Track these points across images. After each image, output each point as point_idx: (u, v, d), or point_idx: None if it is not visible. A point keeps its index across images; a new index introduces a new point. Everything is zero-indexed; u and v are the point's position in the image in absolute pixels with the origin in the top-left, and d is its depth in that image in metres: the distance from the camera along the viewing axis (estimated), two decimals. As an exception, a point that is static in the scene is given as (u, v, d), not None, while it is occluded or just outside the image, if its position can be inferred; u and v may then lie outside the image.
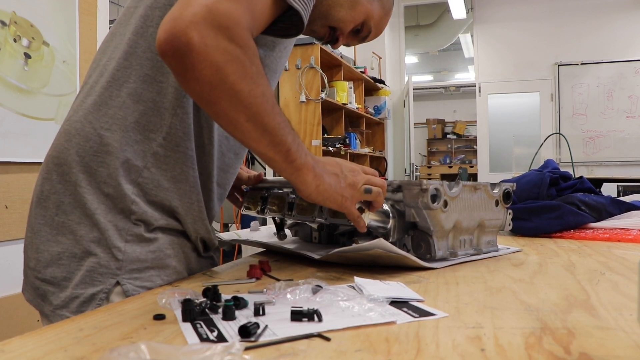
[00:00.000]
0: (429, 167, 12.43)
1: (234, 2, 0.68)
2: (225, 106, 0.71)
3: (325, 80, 4.56)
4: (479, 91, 7.45)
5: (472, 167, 11.19)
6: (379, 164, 6.76)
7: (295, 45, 4.34)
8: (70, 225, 0.82)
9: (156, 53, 0.80)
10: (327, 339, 0.51)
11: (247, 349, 0.48)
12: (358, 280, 0.72)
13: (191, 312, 0.58)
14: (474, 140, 10.65)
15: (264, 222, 1.38)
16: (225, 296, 0.65)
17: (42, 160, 0.90)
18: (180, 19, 0.66)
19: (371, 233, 0.93)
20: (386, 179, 0.91)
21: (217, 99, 0.70)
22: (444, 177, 11.72)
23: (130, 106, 0.83)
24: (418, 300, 0.65)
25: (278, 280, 0.79)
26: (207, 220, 0.91)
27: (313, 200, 0.83)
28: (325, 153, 4.84)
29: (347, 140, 5.22)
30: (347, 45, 1.03)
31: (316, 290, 0.66)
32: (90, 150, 0.82)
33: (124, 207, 0.82)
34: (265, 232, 1.22)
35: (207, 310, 0.60)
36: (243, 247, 3.46)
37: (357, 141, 5.74)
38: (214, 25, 0.66)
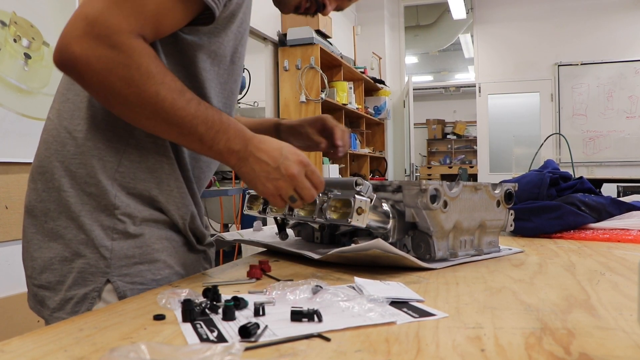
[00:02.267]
0: (429, 168, 12.43)
1: (116, 9, 0.72)
2: (121, 109, 0.75)
3: (325, 81, 4.56)
4: (479, 91, 7.45)
5: (472, 167, 11.19)
6: (378, 164, 6.76)
7: (296, 45, 4.34)
8: (59, 231, 0.84)
9: None
10: (327, 339, 0.51)
11: (247, 349, 0.48)
12: (358, 280, 0.72)
13: (191, 313, 0.58)
14: (474, 141, 10.65)
15: (264, 223, 1.38)
16: (225, 296, 0.65)
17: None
18: (66, 35, 0.71)
19: (372, 233, 0.93)
20: (386, 179, 0.91)
21: (113, 104, 0.75)
22: (444, 177, 11.72)
23: (95, 104, 0.85)
24: (418, 301, 0.65)
25: (278, 280, 0.79)
26: (194, 207, 0.91)
27: (250, 186, 0.84)
28: (326, 153, 4.83)
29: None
30: (340, 9, 1.03)
31: (316, 290, 0.66)
32: (68, 154, 0.85)
33: (107, 203, 0.83)
34: (268, 232, 1.22)
35: (207, 310, 0.60)
36: (243, 247, 3.46)
37: (357, 141, 5.75)
38: (93, 36, 0.70)
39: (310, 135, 1.14)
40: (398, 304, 0.63)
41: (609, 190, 5.14)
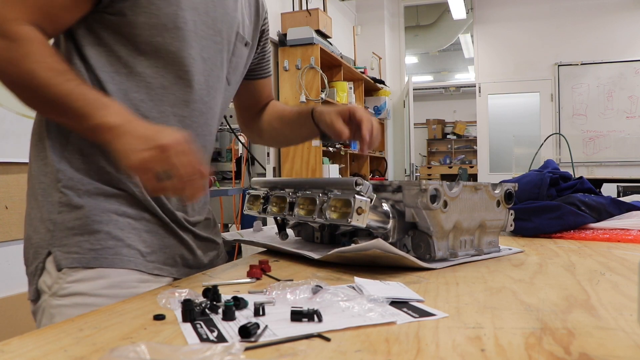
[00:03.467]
0: (429, 168, 12.43)
1: (3, 1, 0.79)
2: (12, 91, 0.82)
3: (325, 81, 4.56)
4: (479, 91, 7.45)
5: (472, 167, 11.18)
6: (378, 164, 6.76)
7: (295, 45, 4.34)
8: (30, 213, 0.93)
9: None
10: (327, 339, 0.51)
11: (247, 349, 0.48)
12: (358, 280, 0.72)
13: (191, 313, 0.58)
14: (474, 141, 10.64)
15: (264, 223, 1.37)
16: (225, 296, 0.65)
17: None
18: None
19: (372, 233, 0.93)
20: (386, 179, 0.91)
21: (6, 86, 0.82)
22: (444, 177, 11.71)
23: None
24: (418, 301, 0.65)
25: (278, 280, 0.79)
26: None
27: (121, 162, 0.80)
28: (325, 153, 4.84)
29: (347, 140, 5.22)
30: None
31: (316, 290, 0.66)
32: (34, 138, 0.94)
33: (54, 178, 0.89)
34: (268, 232, 1.22)
35: (207, 310, 0.60)
36: (243, 247, 3.46)
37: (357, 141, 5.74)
38: None
39: (334, 123, 1.09)
40: (398, 304, 0.63)
41: (609, 190, 5.14)
